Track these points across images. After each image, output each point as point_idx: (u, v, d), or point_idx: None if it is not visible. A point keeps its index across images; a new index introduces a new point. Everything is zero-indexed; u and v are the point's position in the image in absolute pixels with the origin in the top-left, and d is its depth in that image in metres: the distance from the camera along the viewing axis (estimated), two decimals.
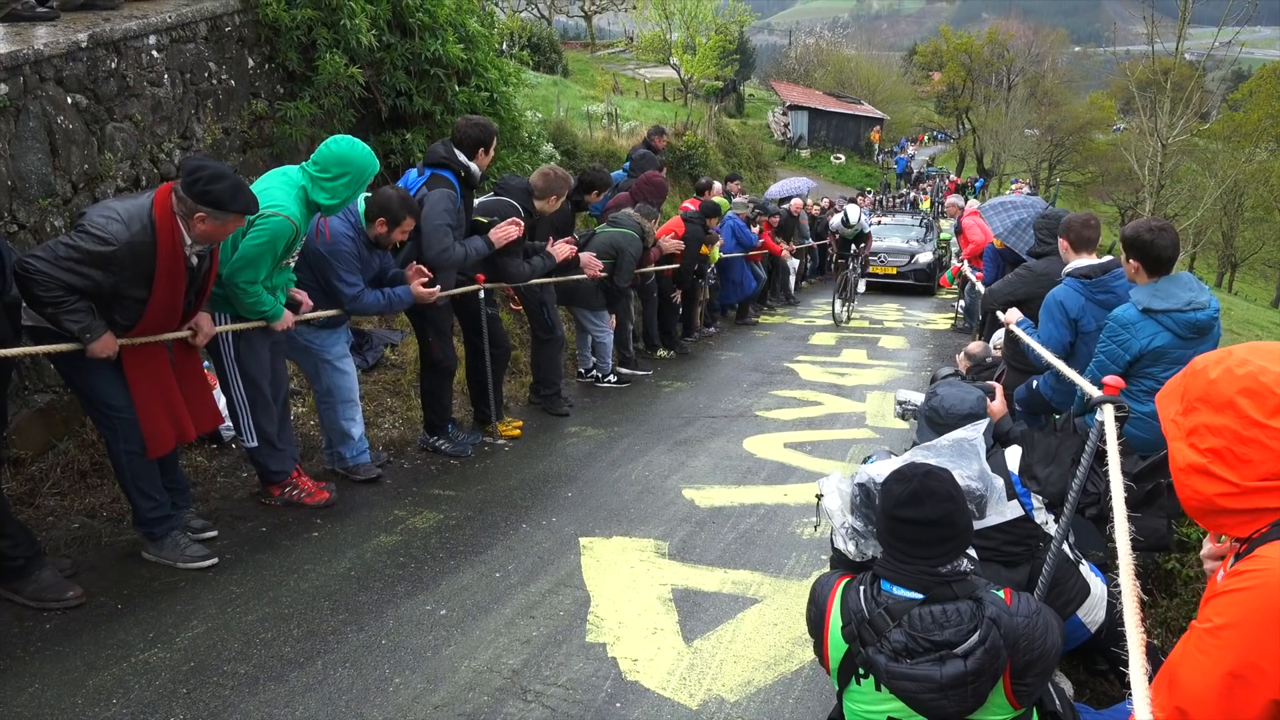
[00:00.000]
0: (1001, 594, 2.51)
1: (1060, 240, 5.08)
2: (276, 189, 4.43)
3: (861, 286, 15.52)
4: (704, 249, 10.39)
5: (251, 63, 7.06)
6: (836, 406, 8.22)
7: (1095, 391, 3.15)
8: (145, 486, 4.14)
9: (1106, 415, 2.91)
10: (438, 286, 5.58)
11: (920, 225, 22.03)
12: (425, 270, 5.52)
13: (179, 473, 4.51)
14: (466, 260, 5.87)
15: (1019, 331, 5.13)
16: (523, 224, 6.23)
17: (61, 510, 4.62)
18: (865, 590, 2.53)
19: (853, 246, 15.03)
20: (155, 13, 6.05)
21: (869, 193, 35.63)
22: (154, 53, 5.92)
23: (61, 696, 3.21)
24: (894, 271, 19.47)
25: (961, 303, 14.08)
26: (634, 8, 45.69)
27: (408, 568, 4.42)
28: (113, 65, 5.51)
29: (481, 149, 5.79)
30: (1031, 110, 51.87)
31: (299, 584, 4.18)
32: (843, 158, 47.78)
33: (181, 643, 3.61)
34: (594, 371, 8.62)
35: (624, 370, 8.99)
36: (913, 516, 2.44)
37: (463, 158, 5.73)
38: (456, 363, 6.25)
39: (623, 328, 9.14)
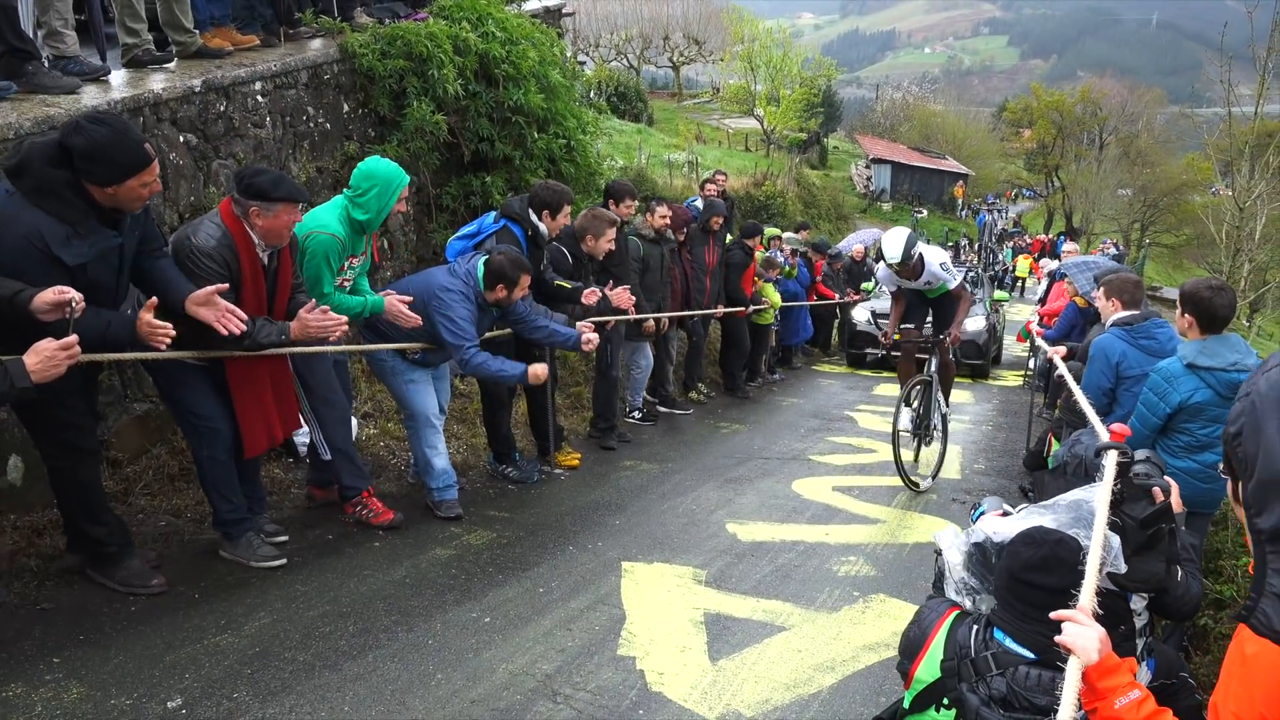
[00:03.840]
0: None
1: (1112, 300, 5.23)
2: (321, 212, 4.95)
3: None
4: (753, 279, 10.55)
5: (346, 108, 7.62)
6: (890, 454, 8.29)
7: (1105, 435, 3.30)
8: (224, 490, 4.55)
9: (1109, 460, 3.06)
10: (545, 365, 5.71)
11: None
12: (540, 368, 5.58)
13: (258, 483, 4.98)
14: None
15: (1062, 367, 5.30)
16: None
17: (151, 509, 5.06)
18: (977, 630, 2.55)
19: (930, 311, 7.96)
20: (261, 61, 6.63)
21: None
22: (259, 97, 6.48)
23: (141, 668, 3.58)
24: None
25: (1033, 361, 13.71)
26: (721, 60, 46.55)
27: (458, 579, 4.72)
28: (221, 108, 6.06)
29: (548, 211, 6.19)
30: (1124, 170, 50.74)
31: (358, 586, 4.52)
32: (924, 212, 47.53)
33: (249, 631, 3.97)
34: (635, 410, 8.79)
35: (662, 408, 9.21)
36: (1039, 583, 2.45)
37: (534, 217, 6.16)
38: (511, 395, 6.61)
39: (661, 366, 9.29)
